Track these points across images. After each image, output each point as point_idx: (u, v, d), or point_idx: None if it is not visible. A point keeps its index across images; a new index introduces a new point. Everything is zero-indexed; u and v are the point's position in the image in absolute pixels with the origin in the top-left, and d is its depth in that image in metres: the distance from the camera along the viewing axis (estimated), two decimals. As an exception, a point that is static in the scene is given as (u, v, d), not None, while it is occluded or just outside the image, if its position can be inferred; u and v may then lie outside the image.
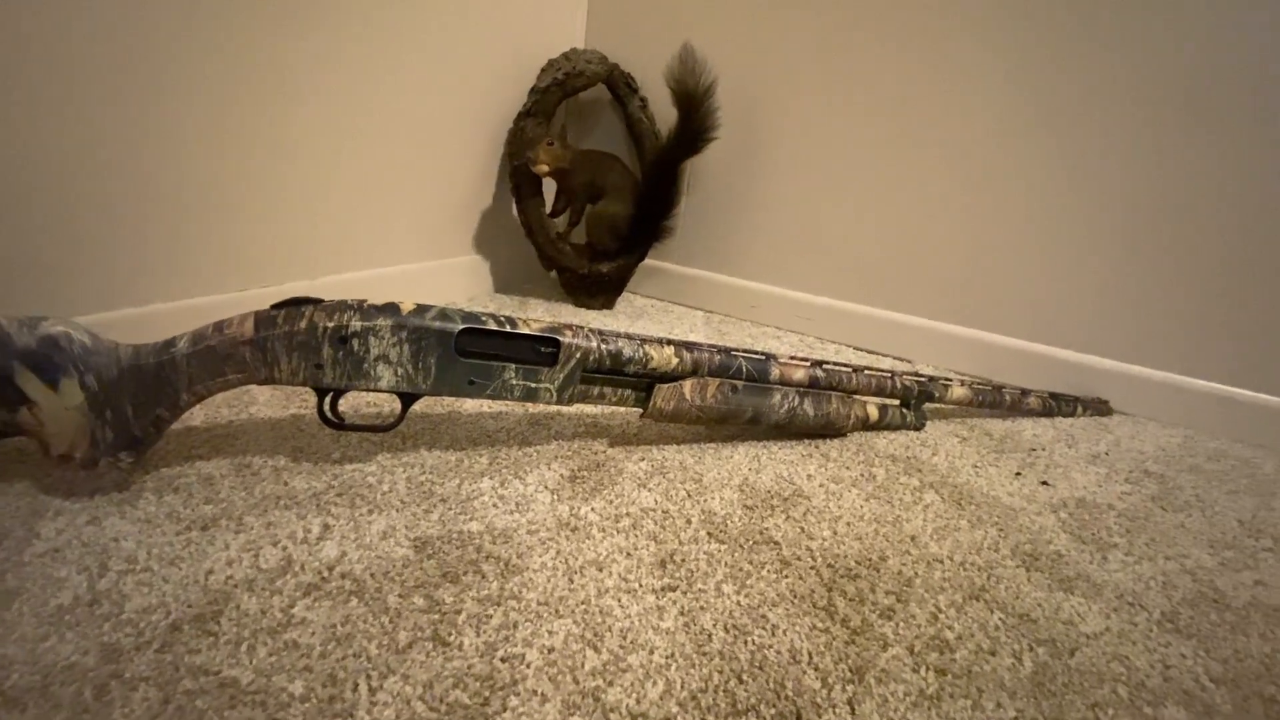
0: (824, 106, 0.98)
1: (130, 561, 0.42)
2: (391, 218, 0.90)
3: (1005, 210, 0.89)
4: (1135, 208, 0.82)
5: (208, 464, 0.53)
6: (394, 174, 0.89)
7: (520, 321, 0.55)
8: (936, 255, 0.95)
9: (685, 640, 0.40)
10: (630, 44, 1.11)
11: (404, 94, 0.86)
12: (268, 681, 0.34)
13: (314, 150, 0.77)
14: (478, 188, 1.05)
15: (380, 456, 0.57)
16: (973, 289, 0.93)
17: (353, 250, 0.86)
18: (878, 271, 0.99)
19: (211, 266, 0.70)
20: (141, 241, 0.64)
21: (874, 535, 0.53)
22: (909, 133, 0.93)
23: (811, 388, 0.65)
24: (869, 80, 0.94)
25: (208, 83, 0.65)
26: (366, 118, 0.82)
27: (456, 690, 0.35)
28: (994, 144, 0.88)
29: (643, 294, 1.20)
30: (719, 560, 0.48)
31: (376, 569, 0.43)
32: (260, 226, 0.74)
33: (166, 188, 0.65)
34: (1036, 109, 0.85)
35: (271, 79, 0.71)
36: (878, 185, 0.97)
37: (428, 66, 0.89)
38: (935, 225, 0.94)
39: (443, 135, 0.95)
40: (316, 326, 0.48)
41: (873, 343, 1.01)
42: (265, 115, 0.71)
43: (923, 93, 0.91)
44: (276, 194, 0.74)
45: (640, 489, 0.56)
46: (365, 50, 0.80)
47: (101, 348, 0.45)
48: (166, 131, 0.63)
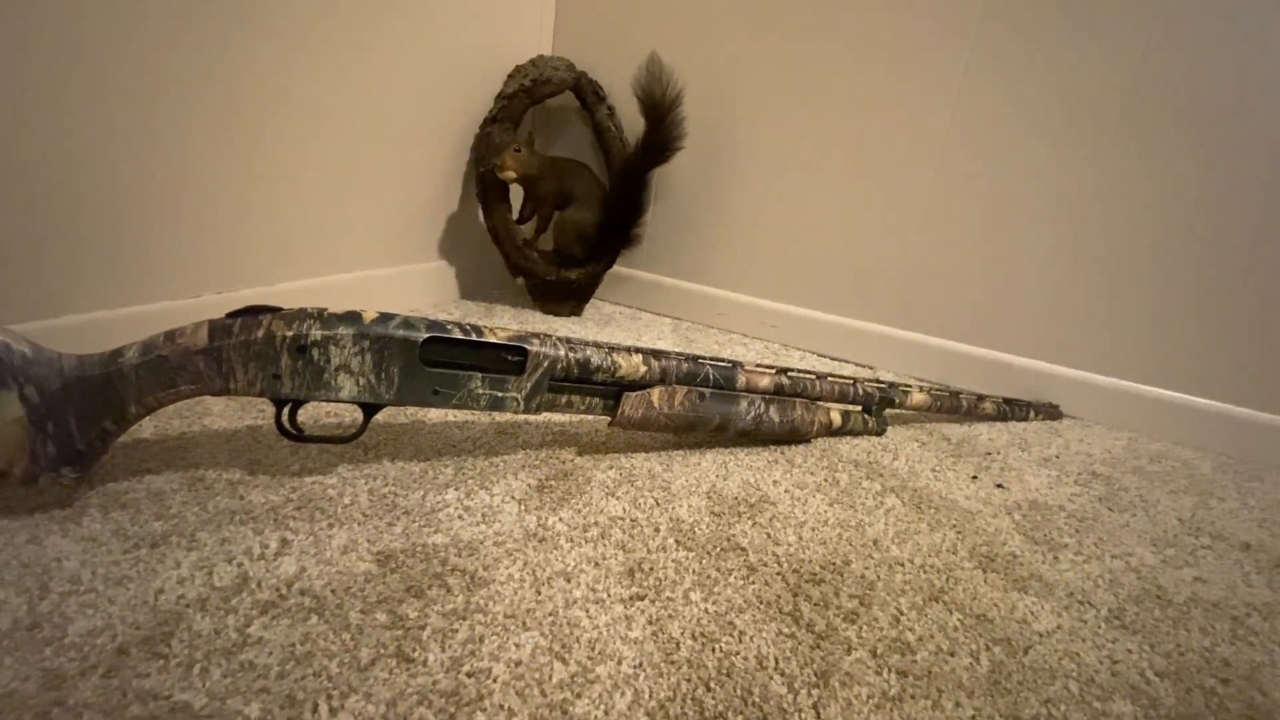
0: (787, 117, 1.00)
1: (74, 582, 0.40)
2: (353, 222, 0.89)
3: (960, 220, 0.92)
4: (1082, 217, 0.86)
5: (158, 478, 0.51)
6: (356, 178, 0.87)
7: (487, 330, 0.54)
8: (896, 264, 0.97)
9: (653, 649, 0.40)
10: (597, 52, 1.11)
11: (367, 97, 0.85)
12: (222, 705, 0.33)
13: (272, 153, 0.75)
14: (443, 193, 1.03)
15: (341, 468, 0.56)
16: (930, 297, 0.96)
17: (312, 255, 0.84)
18: (840, 280, 1.02)
19: (161, 272, 0.67)
20: (85, 245, 0.61)
21: (838, 540, 0.54)
22: (869, 143, 0.96)
23: (777, 395, 0.66)
24: (829, 92, 0.97)
25: (159, 83, 0.63)
26: (328, 121, 0.80)
27: (421, 708, 0.34)
28: (949, 154, 0.91)
29: (611, 301, 1.20)
30: (687, 568, 0.48)
31: (337, 585, 0.42)
32: (214, 230, 0.71)
33: (113, 189, 0.62)
34: (988, 119, 0.88)
35: (228, 81, 0.69)
36: (839, 195, 0.99)
37: (392, 70, 0.87)
38: (894, 234, 0.97)
39: (407, 140, 0.94)
40: (274, 336, 0.47)
41: (836, 350, 1.03)
42: (220, 117, 0.69)
43: (881, 104, 0.94)
44: (231, 197, 0.72)
45: (609, 498, 0.56)
46: (327, 53, 0.78)
47: (43, 358, 0.43)
48: (112, 130, 0.61)
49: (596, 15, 1.12)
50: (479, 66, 1.02)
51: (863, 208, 0.98)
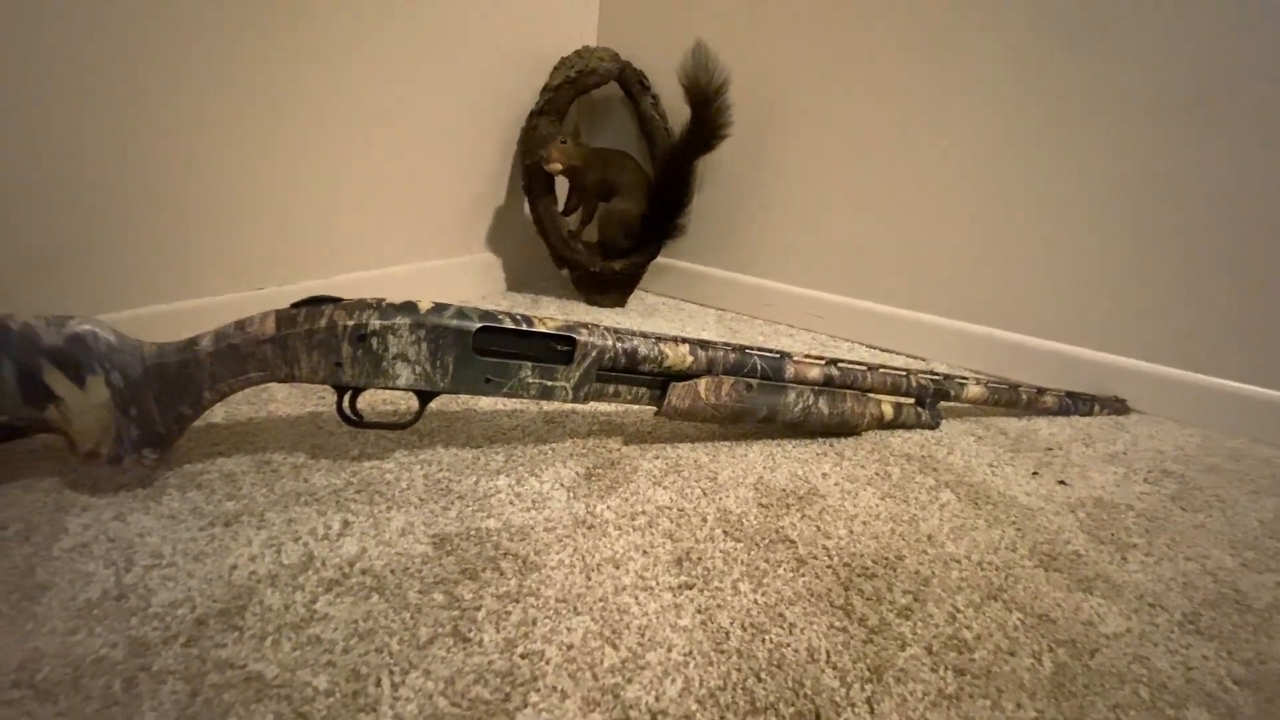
0: (837, 103, 0.98)
1: (156, 557, 0.42)
2: (405, 216, 0.91)
3: (1020, 206, 0.89)
4: (1152, 203, 0.81)
5: (229, 460, 0.53)
6: (408, 173, 0.89)
7: (536, 320, 0.55)
8: (951, 252, 0.94)
9: (703, 638, 0.40)
10: (642, 41, 1.10)
11: (417, 93, 0.87)
12: (292, 676, 0.35)
13: (329, 150, 0.78)
14: (490, 186, 1.05)
15: (398, 454, 0.57)
16: (987, 286, 0.93)
17: (367, 248, 0.86)
18: (892, 269, 0.99)
19: (230, 265, 0.71)
20: (163, 241, 0.64)
21: (890, 534, 0.53)
22: (922, 129, 0.92)
23: (826, 386, 0.65)
24: (881, 76, 0.94)
25: (224, 84, 0.66)
26: (381, 119, 0.83)
27: (478, 686, 0.35)
28: (1008, 139, 0.87)
29: (654, 292, 1.20)
30: (735, 559, 0.48)
31: (396, 565, 0.44)
32: (277, 225, 0.74)
33: (186, 188, 0.65)
34: (1050, 103, 0.84)
35: (287, 84, 0.71)
36: (891, 181, 0.96)
37: (440, 66, 0.89)
38: (950, 222, 0.93)
39: (455, 134, 0.95)
40: (336, 325, 0.48)
41: (887, 341, 1.00)
42: (281, 120, 0.71)
43: (935, 89, 0.90)
44: (292, 193, 0.75)
45: (655, 487, 0.56)
46: (380, 53, 0.80)
47: (126, 346, 0.45)
48: (185, 133, 0.64)
49: (641, 4, 1.11)
50: (525, 60, 1.02)
51: (914, 195, 0.95)
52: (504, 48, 0.99)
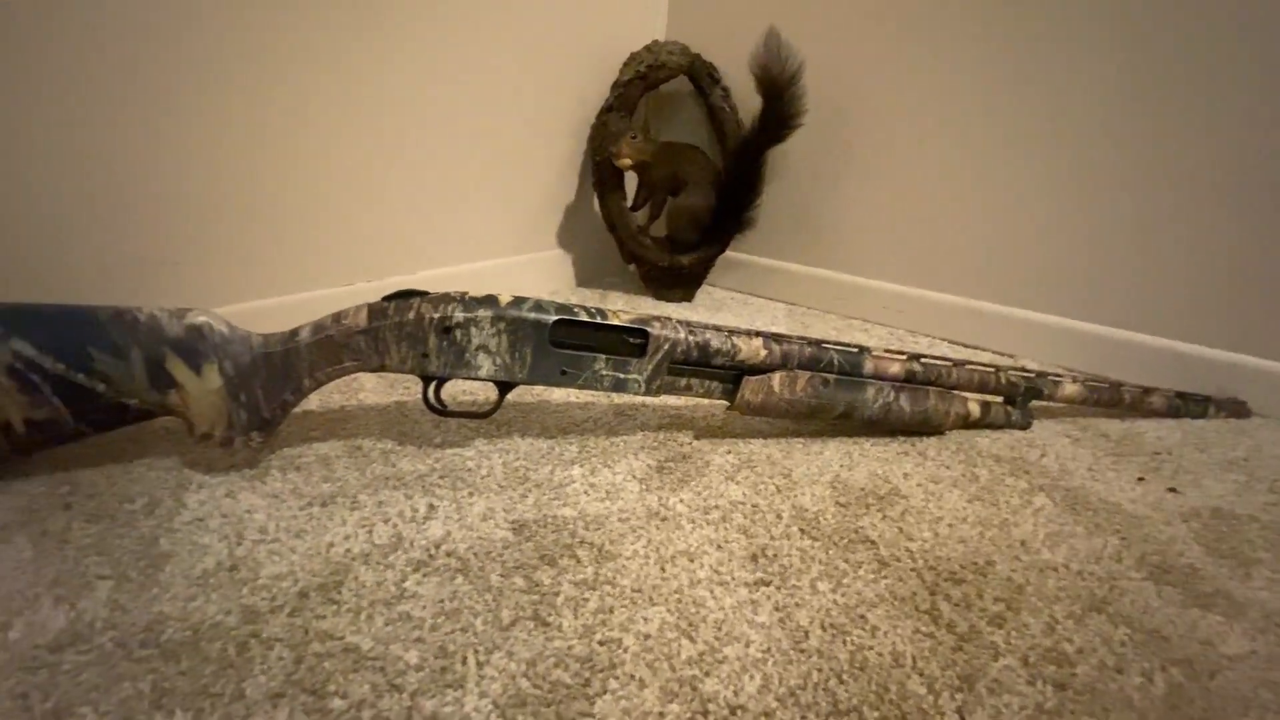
0: (916, 86, 0.94)
1: (262, 532, 0.45)
2: (481, 215, 0.94)
3: (1122, 193, 0.82)
4: (1273, 188, 0.73)
5: (324, 445, 0.57)
6: (483, 173, 0.92)
7: (610, 313, 0.56)
8: (1044, 243, 0.88)
9: (781, 636, 0.40)
10: (712, 33, 1.09)
11: (492, 95, 0.89)
12: (386, 649, 0.37)
13: (412, 153, 0.81)
14: (561, 183, 1.07)
15: (477, 442, 0.59)
16: (1084, 279, 0.86)
17: (446, 245, 0.89)
18: (977, 261, 0.94)
19: (324, 262, 0.75)
20: (267, 240, 0.69)
21: (979, 538, 0.50)
22: (1010, 112, 0.87)
23: (908, 382, 0.62)
24: (964, 58, 0.89)
25: (319, 94, 0.70)
26: (458, 120, 0.85)
27: (558, 670, 0.36)
28: (1109, 120, 0.81)
29: (722, 286, 1.19)
30: (812, 557, 0.47)
31: (479, 549, 0.45)
32: (365, 225, 0.78)
33: (286, 192, 0.70)
34: (1154, 81, 0.77)
35: (376, 86, 0.75)
36: (975, 169, 0.91)
37: (514, 67, 0.91)
38: (1042, 210, 0.88)
39: (528, 134, 0.98)
40: (423, 317, 0.50)
41: (971, 337, 0.95)
42: (368, 126, 0.75)
43: (1025, 70, 0.85)
44: (379, 194, 0.79)
45: (728, 482, 0.56)
46: (457, 54, 0.83)
47: (237, 336, 0.49)
48: (284, 141, 0.68)
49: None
50: (595, 57, 1.03)
51: (999, 183, 0.90)
52: (575, 46, 1.00)
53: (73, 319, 0.46)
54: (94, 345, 0.45)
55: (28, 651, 0.35)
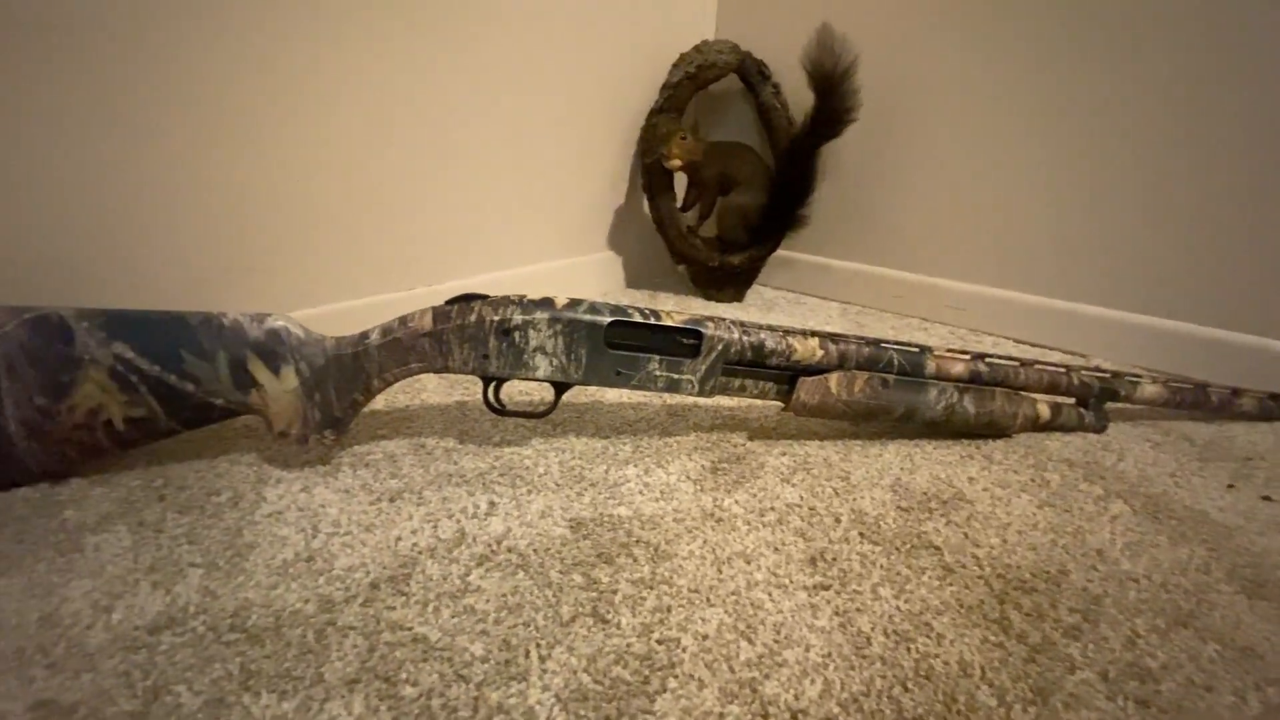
0: (974, 81, 0.90)
1: (336, 525, 0.48)
2: (534, 219, 0.96)
3: (1209, 180, 0.77)
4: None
5: (390, 443, 0.59)
6: (536, 179, 0.94)
7: (664, 314, 0.56)
8: (1118, 235, 0.84)
9: (842, 641, 0.39)
10: (762, 31, 1.08)
11: (543, 101, 0.91)
12: (452, 641, 0.38)
13: (469, 164, 0.83)
14: (610, 186, 1.08)
15: (534, 441, 0.61)
16: (1164, 272, 0.81)
17: (501, 250, 0.92)
18: (1045, 255, 0.90)
19: (387, 269, 0.78)
20: (336, 248, 0.73)
21: (1051, 546, 0.48)
22: (1080, 101, 0.83)
23: (972, 383, 0.60)
24: (1028, 46, 0.85)
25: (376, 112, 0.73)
26: (510, 127, 0.87)
27: (618, 667, 0.37)
28: (1191, 105, 0.76)
29: (773, 286, 1.17)
30: (873, 562, 0.46)
31: (538, 545, 0.46)
32: (424, 232, 0.81)
33: (353, 202, 0.73)
34: (1236, 69, 0.72)
35: (430, 97, 0.77)
36: (1041, 160, 0.87)
37: (565, 74, 0.93)
38: (1116, 201, 0.83)
39: (580, 139, 0.99)
40: (484, 320, 0.52)
41: (1040, 336, 0.91)
42: (426, 137, 0.78)
43: (1093, 56, 0.81)
44: (436, 202, 0.81)
45: (783, 484, 0.55)
46: (507, 67, 0.85)
47: (311, 339, 0.52)
48: (350, 154, 0.71)
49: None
50: (643, 59, 1.04)
51: (1068, 174, 0.85)
52: (624, 50, 1.01)
53: (166, 324, 0.49)
54: (185, 348, 0.49)
55: (129, 632, 0.38)
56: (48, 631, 0.38)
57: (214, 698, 0.34)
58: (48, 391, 0.47)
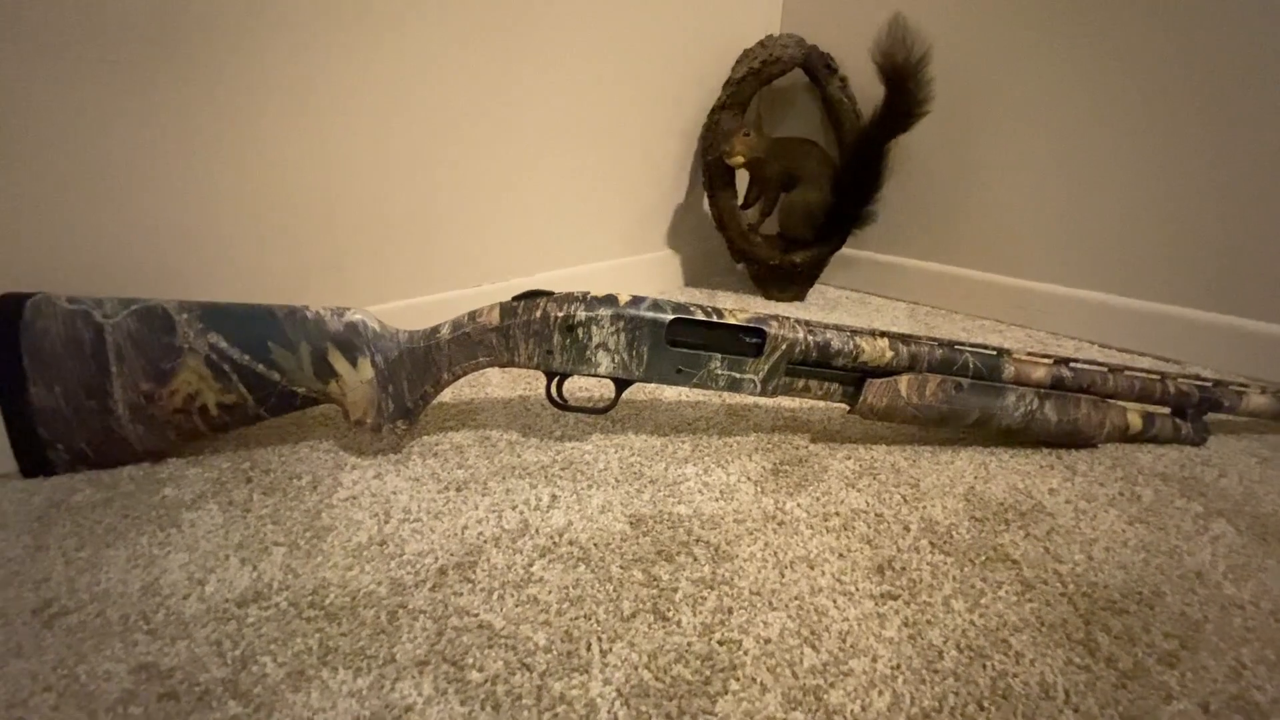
0: (1054, 67, 0.85)
1: (406, 512, 0.49)
2: (594, 218, 0.97)
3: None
4: None
5: (457, 435, 0.61)
6: (597, 178, 0.95)
7: (726, 312, 0.55)
8: (1216, 233, 0.77)
9: (912, 653, 0.37)
10: (830, 23, 1.05)
11: (605, 101, 0.92)
12: (516, 629, 0.39)
13: (532, 165, 0.85)
14: (671, 185, 1.08)
15: (594, 437, 0.61)
16: (1268, 273, 0.74)
17: (562, 248, 0.93)
18: (1134, 254, 0.84)
19: (455, 266, 0.81)
20: (407, 247, 0.75)
21: (1143, 565, 0.45)
22: (1164, 87, 0.77)
23: (1054, 389, 0.57)
24: (1106, 36, 0.79)
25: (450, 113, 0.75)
26: (572, 127, 0.88)
27: (678, 665, 0.37)
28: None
29: (836, 285, 1.14)
30: (945, 573, 0.44)
31: (599, 540, 0.47)
32: (490, 231, 0.83)
33: (424, 204, 0.76)
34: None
35: (497, 100, 0.79)
36: (1130, 153, 0.82)
37: (626, 72, 0.93)
38: (1215, 196, 0.77)
39: (641, 138, 0.99)
40: (549, 316, 0.53)
41: (1129, 340, 0.85)
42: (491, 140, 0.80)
43: (1175, 45, 0.74)
44: (502, 202, 0.83)
45: (849, 489, 0.54)
46: (574, 67, 0.86)
47: (386, 333, 0.54)
48: (421, 157, 0.74)
49: (831, -15, 1.06)
50: (706, 56, 1.03)
51: (1160, 168, 0.79)
52: (687, 48, 1.01)
53: (255, 316, 0.52)
54: (272, 339, 0.52)
55: (220, 604, 0.41)
56: (149, 600, 0.41)
57: (295, 670, 0.36)
58: (151, 377, 0.51)
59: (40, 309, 0.49)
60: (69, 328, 0.49)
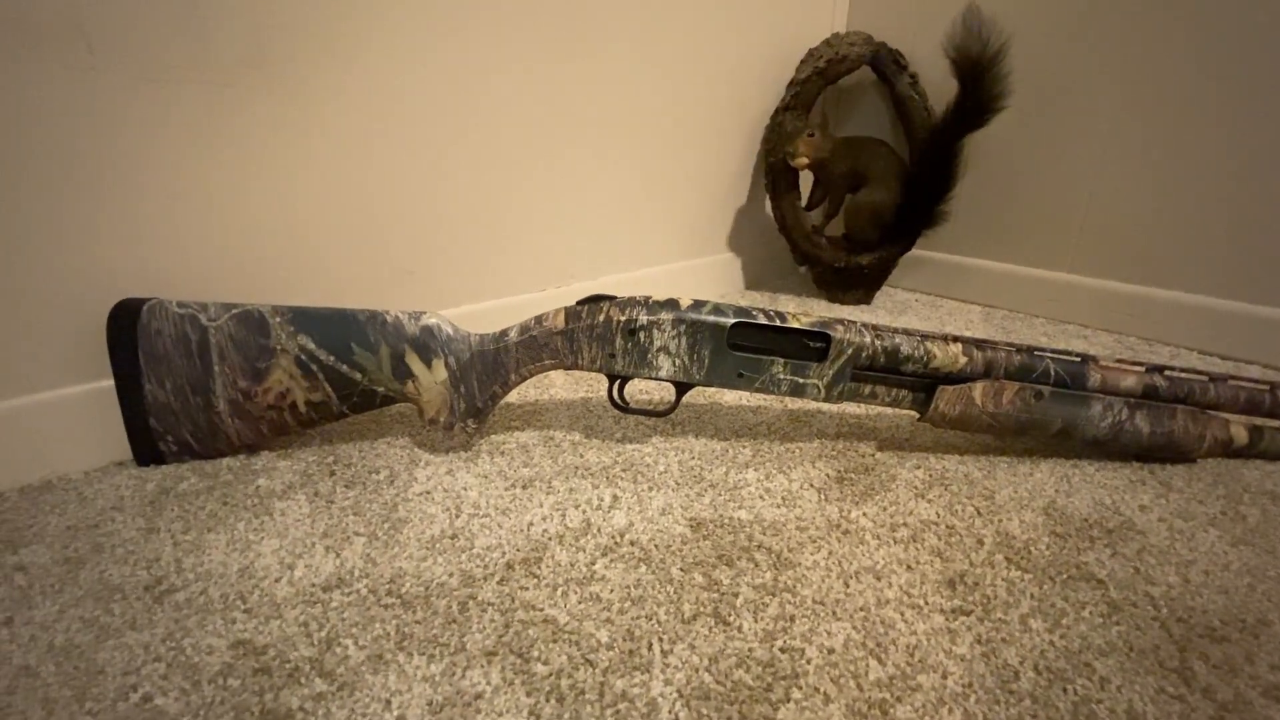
0: (1140, 61, 0.80)
1: (475, 507, 0.52)
2: (655, 222, 0.97)
3: None
4: None
5: (523, 434, 0.63)
6: (659, 182, 0.95)
7: (790, 316, 0.55)
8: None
9: (985, 672, 0.36)
10: (899, 19, 1.03)
11: (669, 106, 0.92)
12: (579, 625, 0.40)
13: (595, 171, 0.87)
14: (733, 187, 1.07)
15: (654, 439, 0.62)
16: None
17: (623, 252, 0.94)
18: (1236, 253, 0.77)
19: (521, 271, 0.83)
20: (478, 253, 0.78)
21: (1247, 591, 0.41)
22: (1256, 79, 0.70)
23: (1146, 398, 0.53)
24: (1197, 27, 0.73)
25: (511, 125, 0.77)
26: (635, 132, 0.89)
27: (740, 670, 0.37)
28: None
29: (904, 288, 1.11)
30: (1022, 591, 0.42)
31: (659, 541, 0.47)
32: (554, 236, 0.85)
33: (494, 211, 0.78)
34: None
35: (564, 107, 0.81)
36: (1230, 145, 0.75)
37: (689, 77, 0.93)
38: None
39: (702, 141, 0.99)
40: (612, 320, 0.54)
41: (1232, 347, 0.79)
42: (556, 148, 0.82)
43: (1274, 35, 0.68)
44: (566, 207, 0.85)
45: (918, 499, 0.52)
46: (637, 70, 0.87)
47: (458, 336, 0.56)
48: (488, 166, 0.77)
49: (900, -21, 1.03)
50: (770, 56, 1.02)
51: (1253, 161, 0.73)
52: (751, 48, 1.00)
53: (340, 319, 0.56)
54: (355, 341, 0.55)
55: (307, 588, 0.43)
56: (245, 581, 0.44)
57: (374, 654, 0.38)
58: (248, 376, 0.55)
59: (154, 312, 0.54)
60: (178, 329, 0.54)
